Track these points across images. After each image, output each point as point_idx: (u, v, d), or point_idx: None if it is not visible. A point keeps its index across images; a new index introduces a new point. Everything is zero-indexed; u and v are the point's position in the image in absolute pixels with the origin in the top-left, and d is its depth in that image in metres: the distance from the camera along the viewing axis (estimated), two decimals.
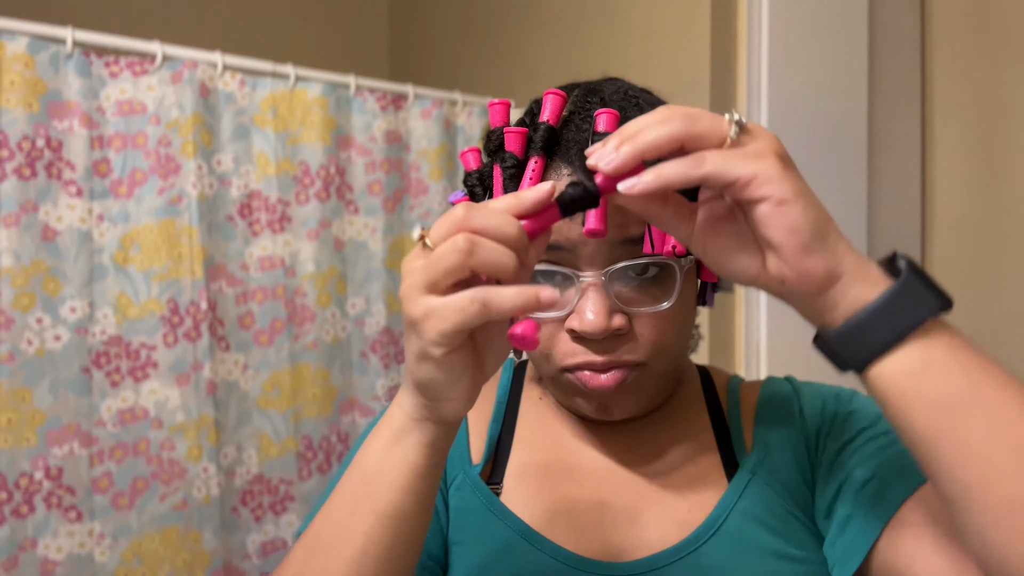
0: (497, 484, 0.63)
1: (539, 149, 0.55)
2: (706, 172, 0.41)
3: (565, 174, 0.54)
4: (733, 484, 0.61)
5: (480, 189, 0.60)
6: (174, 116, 1.45)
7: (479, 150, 0.61)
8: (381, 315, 1.71)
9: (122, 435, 1.40)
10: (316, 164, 1.62)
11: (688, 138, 0.42)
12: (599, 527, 0.60)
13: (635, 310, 0.55)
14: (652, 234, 0.54)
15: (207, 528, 1.45)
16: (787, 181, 0.41)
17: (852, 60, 1.42)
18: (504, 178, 0.55)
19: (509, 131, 0.56)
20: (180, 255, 1.45)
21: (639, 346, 0.55)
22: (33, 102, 1.33)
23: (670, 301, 0.55)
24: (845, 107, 1.41)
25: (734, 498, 0.60)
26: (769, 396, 0.66)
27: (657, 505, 0.61)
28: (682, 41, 1.40)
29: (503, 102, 0.59)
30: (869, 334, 0.43)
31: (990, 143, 1.41)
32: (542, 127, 0.55)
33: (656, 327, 0.56)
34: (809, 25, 1.37)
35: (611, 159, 0.42)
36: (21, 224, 1.32)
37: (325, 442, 1.63)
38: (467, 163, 0.61)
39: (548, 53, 1.79)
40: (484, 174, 0.60)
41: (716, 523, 0.59)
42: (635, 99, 0.58)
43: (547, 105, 0.56)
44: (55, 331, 1.35)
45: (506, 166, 0.55)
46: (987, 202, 1.41)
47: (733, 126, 0.42)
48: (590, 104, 0.57)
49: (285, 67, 1.59)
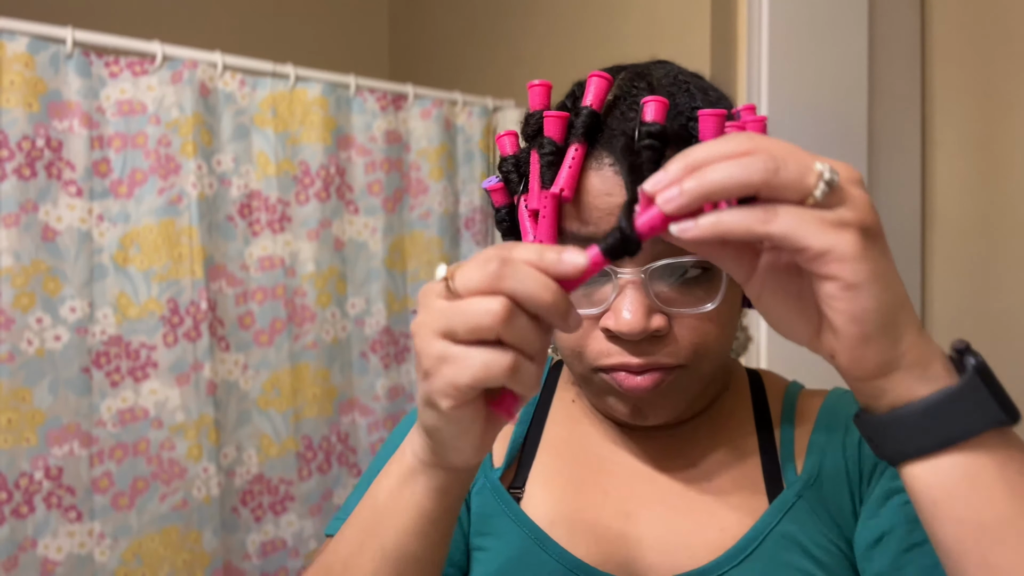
0: (519, 488, 0.60)
1: (580, 135, 0.50)
2: (774, 232, 0.35)
3: (607, 164, 0.50)
4: (776, 504, 0.56)
5: (516, 176, 0.56)
6: (174, 116, 1.45)
7: (516, 134, 0.57)
8: (381, 315, 1.71)
9: (122, 435, 1.40)
10: (316, 164, 1.62)
11: (766, 188, 0.35)
12: (623, 539, 0.57)
13: (676, 311, 0.51)
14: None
15: (207, 528, 1.45)
16: (864, 263, 0.36)
17: (852, 60, 1.42)
18: (541, 165, 0.52)
19: (549, 115, 0.52)
20: (180, 255, 1.45)
21: (679, 348, 0.51)
22: (33, 102, 1.33)
23: (714, 303, 0.51)
24: (845, 106, 1.41)
25: (774, 519, 0.55)
26: (832, 410, 0.60)
27: (687, 520, 0.57)
28: (682, 40, 1.40)
29: (543, 83, 0.55)
30: (909, 434, 0.38)
31: (990, 143, 1.41)
32: (584, 112, 0.51)
33: (697, 329, 0.52)
34: (809, 24, 1.37)
35: (672, 198, 0.36)
36: (21, 224, 1.32)
37: (325, 442, 1.63)
38: (503, 147, 0.57)
39: (548, 53, 1.79)
40: (520, 160, 0.56)
41: (750, 545, 0.54)
42: (685, 84, 0.54)
43: (591, 88, 0.51)
44: (55, 331, 1.35)
45: (544, 152, 0.51)
46: (987, 202, 1.41)
47: (821, 184, 0.35)
48: (637, 89, 0.53)
49: (285, 67, 1.59)
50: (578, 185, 0.51)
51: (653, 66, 0.56)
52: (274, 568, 1.56)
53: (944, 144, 1.49)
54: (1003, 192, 1.38)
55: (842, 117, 1.41)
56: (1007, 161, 1.37)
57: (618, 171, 0.50)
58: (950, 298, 1.47)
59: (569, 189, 0.51)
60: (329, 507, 1.63)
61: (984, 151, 1.42)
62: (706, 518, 0.56)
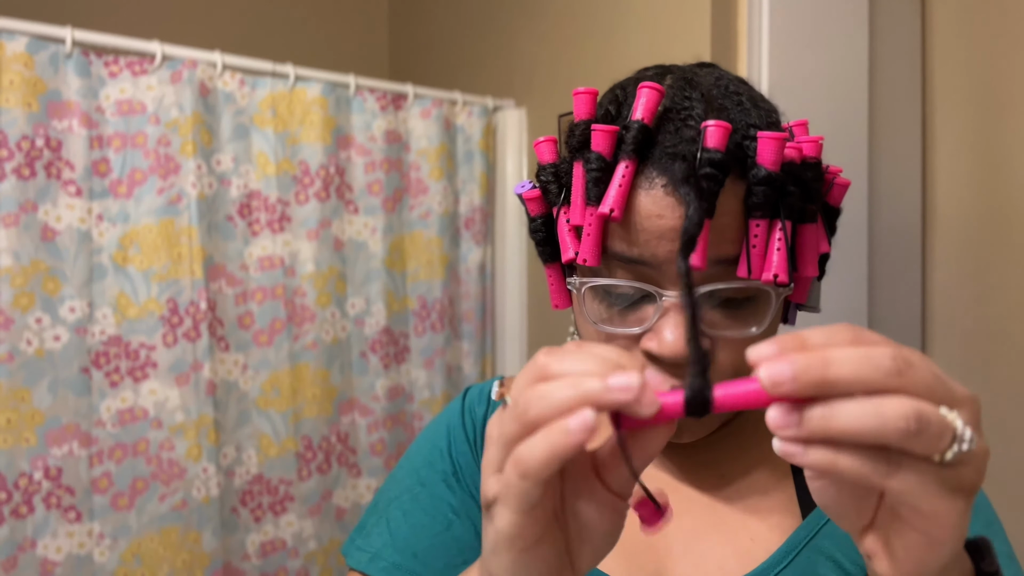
0: None
1: (631, 152, 0.48)
2: (891, 487, 0.32)
3: (659, 185, 0.48)
4: (811, 518, 0.54)
5: (555, 187, 0.54)
6: (173, 116, 1.45)
7: (555, 140, 0.55)
8: (381, 315, 1.71)
9: (122, 435, 1.40)
10: (316, 164, 1.62)
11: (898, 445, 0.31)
12: (652, 552, 0.55)
13: (719, 334, 0.49)
14: (750, 256, 0.48)
15: (207, 528, 1.45)
16: (959, 529, 0.33)
17: (852, 60, 1.42)
18: (587, 181, 0.49)
19: (597, 128, 0.49)
20: (180, 255, 1.45)
21: (721, 373, 0.50)
22: (32, 102, 1.33)
23: (760, 327, 0.50)
24: (845, 106, 1.41)
25: (809, 533, 0.53)
26: None
27: (716, 532, 0.55)
28: (682, 40, 1.40)
29: (589, 91, 0.52)
30: None
31: (990, 142, 1.41)
32: (635, 127, 0.48)
33: (740, 353, 0.49)
34: (809, 24, 1.36)
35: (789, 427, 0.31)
36: (20, 224, 1.32)
37: (325, 442, 1.63)
38: (541, 155, 0.55)
39: (548, 53, 1.79)
40: (561, 171, 0.54)
41: (784, 559, 0.52)
42: (737, 96, 0.52)
43: (641, 100, 0.49)
44: (54, 331, 1.35)
45: (591, 168, 0.49)
46: (987, 201, 1.41)
47: (954, 449, 0.32)
48: (689, 101, 0.50)
49: (285, 67, 1.59)
50: (626, 204, 0.49)
51: (699, 71, 0.54)
52: (274, 568, 1.56)
53: (944, 144, 1.49)
54: (1003, 192, 1.38)
55: (842, 117, 1.41)
56: (1007, 161, 1.37)
57: (669, 192, 0.48)
58: (950, 298, 1.47)
59: (619, 209, 0.48)
60: (329, 507, 1.63)
61: (984, 151, 1.42)
62: (736, 529, 0.55)
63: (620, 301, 0.51)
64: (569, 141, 0.53)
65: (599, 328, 0.52)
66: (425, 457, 0.64)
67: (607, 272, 0.51)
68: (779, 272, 0.48)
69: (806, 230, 0.51)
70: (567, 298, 0.58)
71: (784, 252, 0.48)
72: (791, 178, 0.49)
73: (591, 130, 0.50)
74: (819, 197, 0.52)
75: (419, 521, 0.61)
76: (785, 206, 0.48)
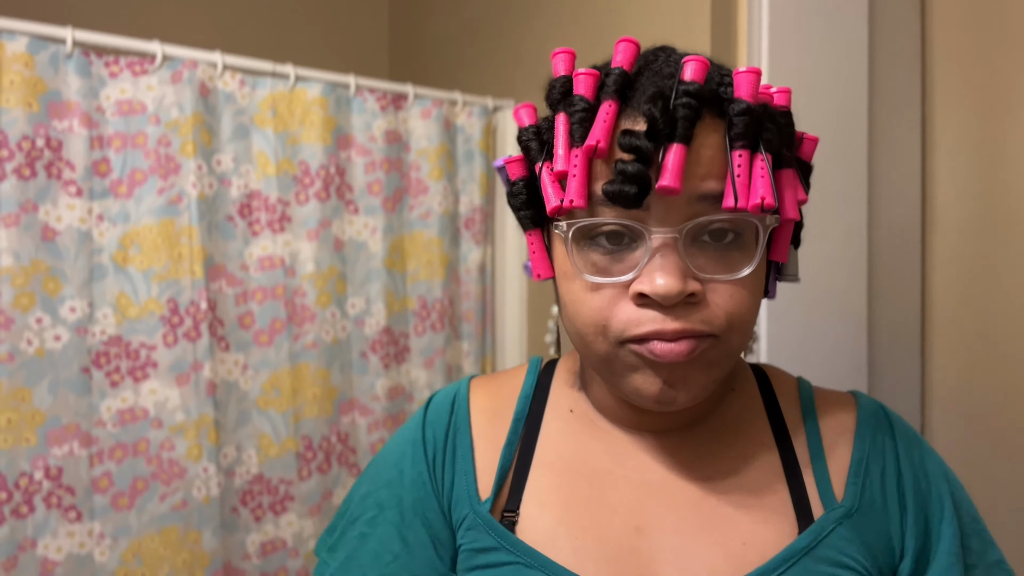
0: (513, 511, 0.57)
1: (612, 93, 0.49)
2: None
3: (641, 122, 0.49)
4: (817, 524, 0.53)
5: (536, 143, 0.55)
6: (174, 116, 1.45)
7: (533, 106, 0.57)
8: (381, 315, 1.71)
9: (122, 435, 1.40)
10: (316, 164, 1.62)
11: None
12: (634, 555, 0.53)
13: (710, 276, 0.50)
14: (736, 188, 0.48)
15: (207, 528, 1.45)
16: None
17: (852, 60, 1.42)
18: (572, 123, 0.50)
19: (580, 73, 0.51)
20: (180, 255, 1.45)
21: (712, 316, 0.50)
22: (33, 102, 1.33)
23: (751, 266, 0.50)
24: (845, 107, 1.41)
25: (812, 541, 0.52)
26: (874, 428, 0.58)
27: (704, 533, 0.54)
28: (682, 40, 1.40)
29: (567, 51, 0.54)
30: None
31: (990, 143, 1.41)
32: (615, 71, 0.50)
33: (732, 297, 0.50)
34: (809, 25, 1.37)
35: None
36: (21, 224, 1.32)
37: (325, 442, 1.63)
38: (520, 119, 0.57)
39: (548, 53, 1.79)
40: (541, 128, 0.55)
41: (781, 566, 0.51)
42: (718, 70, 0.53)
43: (619, 51, 0.51)
44: (55, 331, 1.35)
45: (575, 109, 0.50)
46: (987, 202, 1.41)
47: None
48: (664, 53, 0.53)
49: (285, 67, 1.59)
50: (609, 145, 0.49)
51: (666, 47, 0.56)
52: (274, 568, 1.56)
53: (944, 144, 1.49)
54: (1003, 192, 1.38)
55: (842, 118, 1.41)
56: (1007, 161, 1.37)
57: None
58: (950, 298, 1.47)
59: (604, 141, 0.49)
60: (329, 507, 1.63)
61: (984, 151, 1.42)
62: (726, 530, 0.53)
63: (608, 246, 0.51)
64: (550, 96, 0.53)
65: (589, 279, 0.51)
66: (385, 478, 0.64)
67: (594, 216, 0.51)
68: (765, 196, 0.48)
69: (784, 174, 0.52)
70: (550, 265, 0.57)
71: (768, 179, 0.48)
72: (767, 115, 0.50)
73: (573, 77, 0.51)
74: (793, 144, 0.54)
75: (372, 549, 0.61)
76: (764, 141, 0.49)
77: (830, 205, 1.37)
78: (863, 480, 0.55)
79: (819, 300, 1.37)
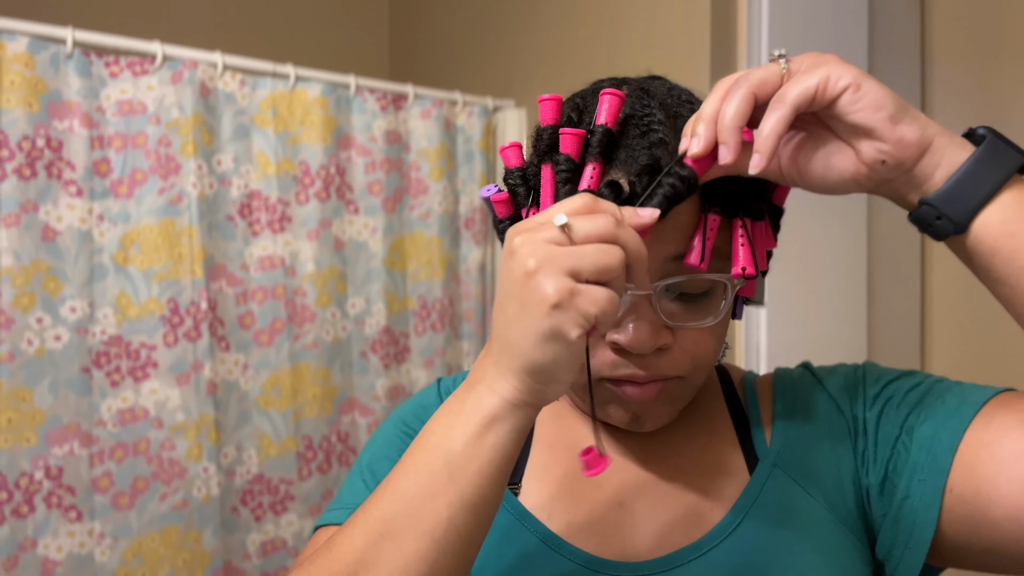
0: (515, 484, 0.62)
1: (597, 154, 0.52)
2: (792, 101, 0.46)
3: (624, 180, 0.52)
4: (754, 479, 0.60)
5: (523, 189, 0.57)
6: (174, 116, 1.45)
7: (520, 145, 0.58)
8: (381, 315, 1.71)
9: (122, 435, 1.40)
10: (316, 164, 1.62)
11: (757, 89, 0.48)
12: (619, 529, 0.60)
13: (680, 325, 0.54)
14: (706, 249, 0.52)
15: (207, 528, 1.45)
16: (852, 69, 0.47)
17: (852, 60, 1.42)
18: (557, 181, 0.53)
19: (566, 132, 0.52)
20: (180, 255, 1.46)
21: (679, 361, 0.55)
22: (33, 102, 1.33)
23: (716, 318, 0.55)
24: None
25: (755, 493, 0.59)
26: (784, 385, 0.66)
27: (678, 504, 0.60)
28: (682, 41, 1.40)
29: (554, 98, 0.55)
30: (971, 187, 0.47)
31: None
32: (599, 130, 0.52)
33: (698, 344, 0.55)
34: (809, 25, 1.37)
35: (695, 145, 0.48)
36: (21, 224, 1.32)
37: (325, 442, 1.63)
38: (507, 159, 0.58)
39: (548, 53, 1.79)
40: (528, 174, 0.57)
41: (736, 519, 0.58)
42: (689, 105, 0.57)
43: (603, 106, 0.52)
44: (55, 331, 1.35)
45: (560, 169, 0.52)
46: None
47: (781, 61, 0.48)
48: (648, 108, 0.55)
49: (285, 67, 1.59)
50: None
51: (652, 83, 0.59)
52: (274, 568, 1.56)
53: None
54: None
55: None
56: None
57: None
58: (950, 298, 1.47)
59: None
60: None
61: None
62: (695, 499, 0.60)
63: None
64: (537, 145, 0.56)
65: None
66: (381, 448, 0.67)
67: None
68: (746, 266, 0.53)
69: (757, 228, 0.56)
70: None
71: (748, 248, 0.53)
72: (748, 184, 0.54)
73: (559, 134, 0.53)
74: (767, 196, 0.57)
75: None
76: (742, 205, 0.54)
77: (830, 205, 1.38)
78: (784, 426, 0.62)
79: (819, 300, 1.37)
